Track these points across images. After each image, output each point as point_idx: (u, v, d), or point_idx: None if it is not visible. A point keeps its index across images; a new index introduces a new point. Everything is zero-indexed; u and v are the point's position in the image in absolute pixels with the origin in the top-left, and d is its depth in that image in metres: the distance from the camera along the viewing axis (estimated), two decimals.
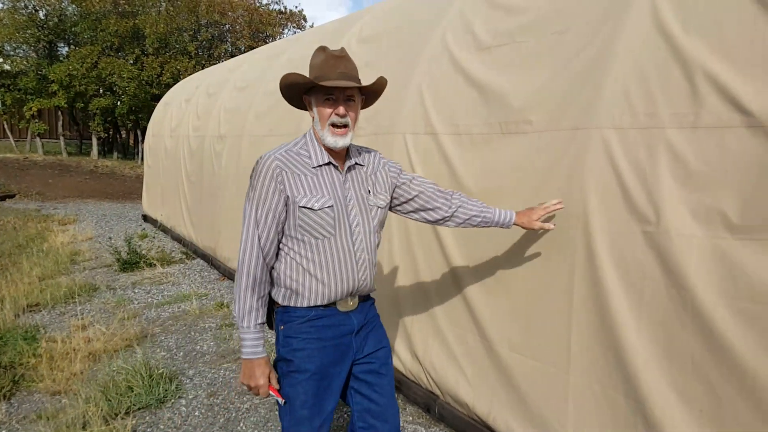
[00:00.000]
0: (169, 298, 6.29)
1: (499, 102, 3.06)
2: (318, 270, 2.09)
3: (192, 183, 8.36)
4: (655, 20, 2.37)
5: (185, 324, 5.42)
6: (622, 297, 2.32)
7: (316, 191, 2.07)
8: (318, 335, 2.13)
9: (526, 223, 2.54)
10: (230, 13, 27.38)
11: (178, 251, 8.72)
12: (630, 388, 2.28)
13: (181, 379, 4.14)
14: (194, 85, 10.04)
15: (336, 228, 2.09)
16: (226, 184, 6.88)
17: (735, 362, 1.92)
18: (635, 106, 2.33)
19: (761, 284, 1.85)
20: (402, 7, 4.79)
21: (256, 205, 2.06)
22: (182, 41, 25.65)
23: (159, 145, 10.58)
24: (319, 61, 2.09)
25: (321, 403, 2.15)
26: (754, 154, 1.93)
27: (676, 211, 2.13)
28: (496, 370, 2.98)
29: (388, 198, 2.33)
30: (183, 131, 9.07)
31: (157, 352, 4.69)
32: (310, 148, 2.14)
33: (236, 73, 8.08)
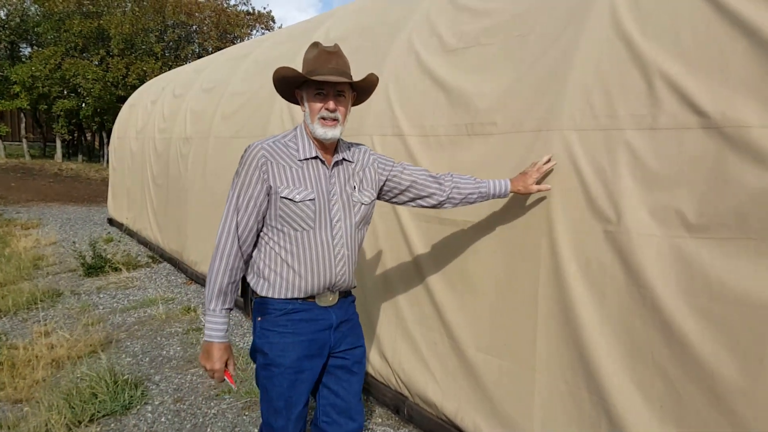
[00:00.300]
0: (134, 302, 6.19)
1: (465, 104, 3.09)
2: (295, 262, 2.11)
3: (158, 186, 8.24)
4: (615, 24, 2.42)
5: (151, 329, 5.34)
6: (585, 295, 2.36)
7: (299, 183, 2.09)
8: (294, 329, 2.15)
9: (522, 189, 2.52)
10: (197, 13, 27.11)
11: (144, 255, 8.59)
12: (594, 384, 2.31)
13: (147, 385, 4.08)
14: (160, 87, 9.91)
15: (316, 221, 2.11)
16: (193, 186, 6.80)
17: (693, 358, 1.96)
18: (596, 108, 2.37)
19: (717, 282, 1.90)
20: (369, 9, 4.80)
21: (238, 192, 2.09)
22: (148, 42, 25.29)
23: (124, 147, 10.42)
24: (312, 56, 2.11)
25: (297, 396, 2.17)
26: (710, 154, 1.97)
27: (635, 211, 2.17)
28: (464, 370, 3.00)
29: (375, 195, 2.34)
30: (149, 133, 8.94)
31: (123, 357, 4.61)
32: (299, 141, 2.16)
33: (203, 75, 8.00)
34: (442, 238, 3.14)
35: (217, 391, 3.96)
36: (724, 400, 1.87)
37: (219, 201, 6.01)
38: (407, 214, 3.38)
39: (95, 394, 3.72)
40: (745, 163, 1.87)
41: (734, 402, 1.84)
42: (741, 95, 1.92)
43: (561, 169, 2.48)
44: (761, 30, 1.90)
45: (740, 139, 1.88)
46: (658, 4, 2.29)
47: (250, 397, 3.82)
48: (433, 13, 3.72)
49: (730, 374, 1.85)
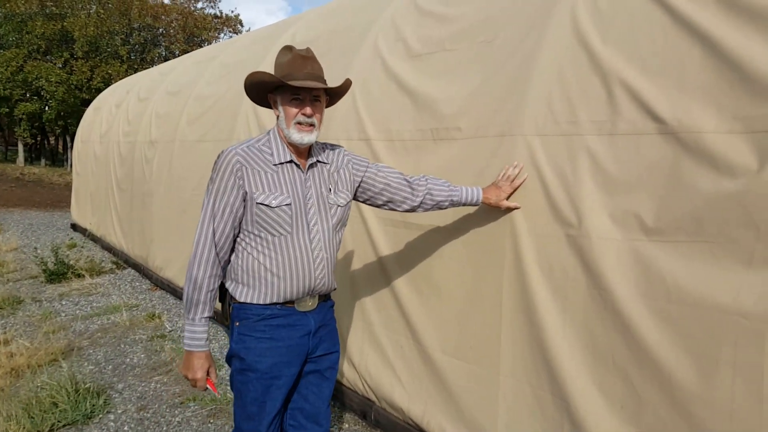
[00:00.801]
0: (98, 309, 6.07)
1: (430, 109, 3.10)
2: (274, 266, 2.10)
3: (122, 190, 8.11)
4: (576, 31, 2.45)
5: (115, 336, 5.24)
6: (547, 299, 2.38)
7: (274, 188, 2.08)
8: (272, 335, 2.14)
9: (493, 203, 2.52)
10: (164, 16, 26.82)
11: (108, 261, 8.43)
12: (557, 387, 2.34)
13: (110, 394, 3.99)
14: (125, 90, 9.76)
15: (293, 226, 2.10)
16: (158, 190, 6.70)
17: (652, 360, 1.99)
18: (557, 113, 2.40)
19: (674, 284, 1.94)
20: (335, 13, 4.80)
21: (213, 199, 2.07)
22: (114, 45, 24.92)
23: (88, 151, 10.23)
24: (286, 61, 2.09)
25: (271, 402, 2.16)
26: (667, 160, 2.01)
27: (596, 215, 2.20)
28: (430, 374, 3.00)
29: (350, 196, 2.33)
30: (113, 137, 8.80)
31: (85, 366, 4.51)
32: (273, 146, 2.14)
33: (169, 78, 7.90)
34: (409, 243, 3.14)
35: (182, 399, 3.90)
36: (682, 401, 1.90)
37: (184, 205, 5.94)
38: (374, 219, 3.38)
39: (56, 404, 3.63)
40: (700, 168, 1.91)
41: (691, 403, 1.88)
42: (696, 101, 1.96)
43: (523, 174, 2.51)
44: (715, 38, 1.95)
45: (695, 144, 1.93)
46: (617, 11, 2.34)
47: (215, 405, 3.77)
48: (399, 18, 3.73)
49: (687, 376, 1.89)
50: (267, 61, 5.19)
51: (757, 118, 1.80)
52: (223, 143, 5.21)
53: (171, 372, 4.37)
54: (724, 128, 1.87)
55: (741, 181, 1.80)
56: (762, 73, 1.81)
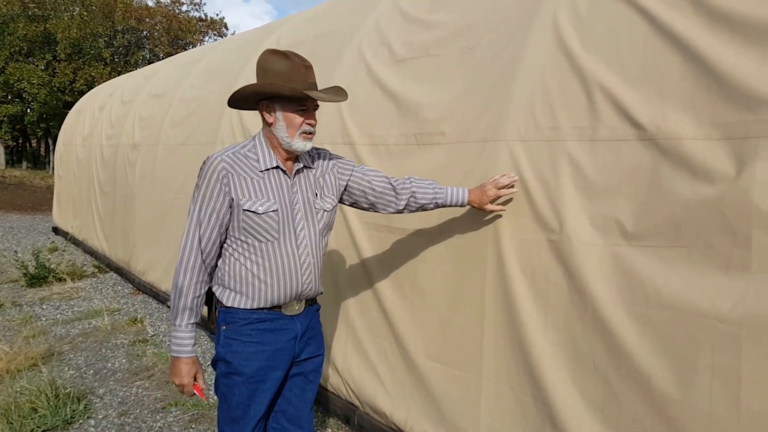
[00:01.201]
0: (79, 313, 6.01)
1: (414, 114, 3.11)
2: (261, 272, 2.11)
3: (105, 193, 8.04)
4: (557, 37, 2.48)
5: (96, 341, 5.19)
6: (529, 303, 2.40)
7: (261, 195, 2.08)
8: (258, 339, 2.14)
9: (477, 204, 2.50)
10: (148, 19, 26.65)
11: (90, 265, 8.35)
12: (538, 391, 2.35)
13: (91, 399, 3.95)
14: (108, 92, 9.68)
15: (280, 232, 2.11)
16: (141, 194, 6.66)
17: (632, 364, 2.01)
18: (539, 119, 2.42)
19: (653, 289, 1.96)
20: (319, 18, 4.80)
21: (199, 206, 2.07)
22: (97, 47, 24.70)
23: (70, 154, 10.13)
24: (287, 69, 2.07)
25: (256, 405, 2.16)
26: (646, 166, 2.04)
27: (577, 220, 2.22)
28: (414, 378, 3.01)
29: (336, 200, 2.35)
30: (96, 140, 8.72)
31: (65, 370, 4.46)
32: (259, 152, 2.14)
33: (152, 81, 7.86)
34: (392, 247, 3.14)
35: (164, 404, 3.87)
36: (661, 404, 1.92)
37: (168, 209, 5.90)
38: (358, 223, 3.38)
39: (35, 409, 3.59)
40: (678, 174, 1.93)
41: (670, 406, 1.89)
42: (675, 108, 1.99)
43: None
44: (694, 45, 1.98)
45: (674, 150, 1.95)
46: (598, 18, 2.36)
47: (197, 410, 3.74)
48: (383, 23, 3.74)
49: (666, 379, 1.91)
50: (251, 64, 5.18)
51: (735, 124, 1.83)
52: (207, 147, 5.19)
53: (153, 377, 4.33)
54: (702, 135, 1.89)
55: (718, 188, 1.82)
56: (739, 80, 1.84)
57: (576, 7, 2.48)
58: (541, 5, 2.68)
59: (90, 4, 24.96)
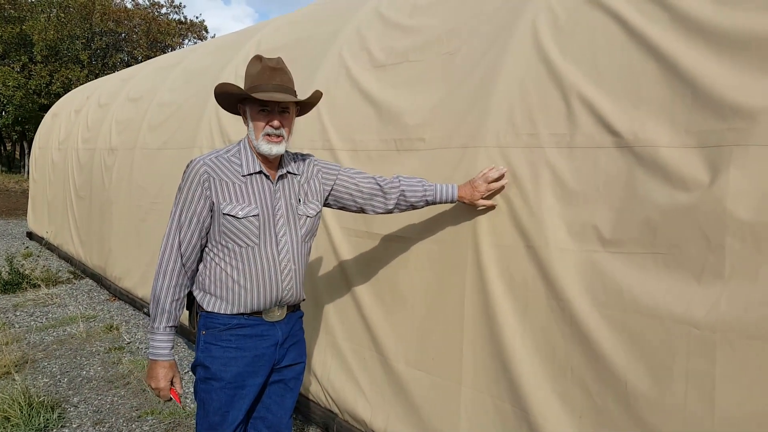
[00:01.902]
0: (54, 321, 5.91)
1: (394, 119, 3.11)
2: (241, 278, 2.10)
3: (81, 198, 7.93)
4: (536, 45, 2.50)
5: (71, 348, 5.10)
6: (508, 309, 2.40)
7: (242, 199, 2.08)
8: (238, 344, 2.13)
9: (468, 200, 2.48)
10: (126, 21, 26.38)
11: (65, 271, 8.22)
12: (516, 397, 2.35)
13: (65, 407, 3.88)
14: (85, 95, 9.56)
15: (260, 237, 2.10)
16: (117, 198, 6.57)
17: (608, 368, 2.02)
18: (518, 126, 2.44)
19: (629, 294, 1.97)
20: (301, 22, 4.79)
21: (181, 209, 2.07)
22: (74, 49, 24.39)
23: (46, 158, 9.98)
24: (255, 72, 2.09)
25: (234, 412, 2.15)
26: (623, 173, 2.06)
27: (555, 227, 2.23)
28: (393, 385, 3.00)
29: (320, 206, 2.34)
30: (72, 143, 8.61)
31: (39, 378, 4.38)
32: (242, 156, 2.14)
33: (130, 84, 7.77)
34: (372, 253, 3.14)
35: (140, 412, 3.81)
36: (637, 409, 1.94)
37: (145, 214, 5.83)
38: (338, 229, 3.36)
39: (7, 418, 3.53)
40: (654, 181, 1.96)
41: (646, 411, 1.91)
42: (651, 116, 2.01)
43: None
44: (670, 54, 2.01)
45: (650, 158, 1.97)
46: (576, 27, 2.38)
47: (173, 418, 3.70)
48: (364, 28, 3.74)
49: (643, 384, 1.92)
50: (230, 67, 5.15)
51: (709, 132, 1.85)
52: (186, 151, 5.14)
53: (128, 385, 4.27)
54: (677, 142, 1.92)
55: (693, 195, 1.85)
56: (713, 89, 1.87)
57: (555, 15, 2.50)
58: (520, 13, 2.70)
59: (68, 6, 24.65)
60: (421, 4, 3.43)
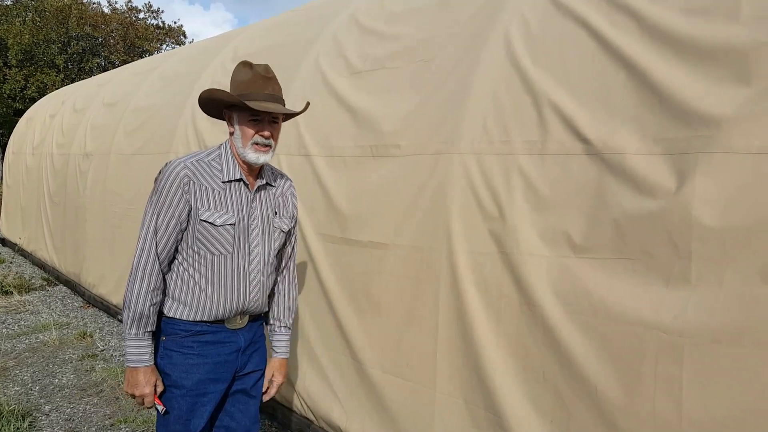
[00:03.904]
0: (26, 328, 5.81)
1: (370, 126, 3.12)
2: (209, 286, 2.07)
3: (55, 204, 7.82)
4: (509, 53, 2.53)
5: (43, 356, 5.02)
6: (482, 315, 2.42)
7: (221, 207, 2.06)
8: (200, 351, 2.10)
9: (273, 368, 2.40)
10: (103, 26, 26.11)
11: (38, 277, 8.09)
12: (490, 402, 2.37)
13: (36, 416, 3.82)
14: (60, 100, 9.45)
15: (234, 246, 2.08)
16: (92, 205, 6.49)
17: (579, 374, 2.05)
18: (491, 133, 2.46)
19: (599, 299, 2.00)
20: (277, 28, 4.79)
21: (158, 212, 2.02)
22: (50, 53, 24.07)
23: (20, 163, 9.84)
24: (247, 79, 2.05)
25: (196, 420, 2.11)
26: (593, 179, 2.09)
27: (527, 233, 2.26)
28: (368, 392, 2.99)
29: (292, 224, 2.32)
30: (46, 149, 8.49)
31: (10, 387, 4.31)
32: (223, 162, 2.11)
33: (106, 88, 7.70)
34: (348, 259, 3.13)
35: (113, 420, 3.76)
36: (608, 413, 1.96)
37: (119, 220, 5.77)
38: (313, 234, 3.36)
39: None
40: (623, 188, 1.99)
41: (616, 415, 1.93)
42: (620, 123, 2.05)
43: (460, 192, 2.54)
44: (639, 63, 2.04)
45: (619, 165, 2.01)
46: (548, 35, 2.42)
47: (147, 426, 3.65)
48: (341, 34, 3.75)
49: (612, 389, 1.94)
50: (206, 74, 5.13)
51: (676, 140, 1.89)
52: (161, 156, 5.10)
53: (102, 393, 4.21)
54: (645, 150, 1.95)
55: (660, 201, 1.88)
56: (680, 97, 1.91)
57: (527, 24, 2.54)
58: (494, 21, 2.73)
59: (43, 10, 24.35)
60: (397, 11, 3.45)
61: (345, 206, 3.16)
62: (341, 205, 3.18)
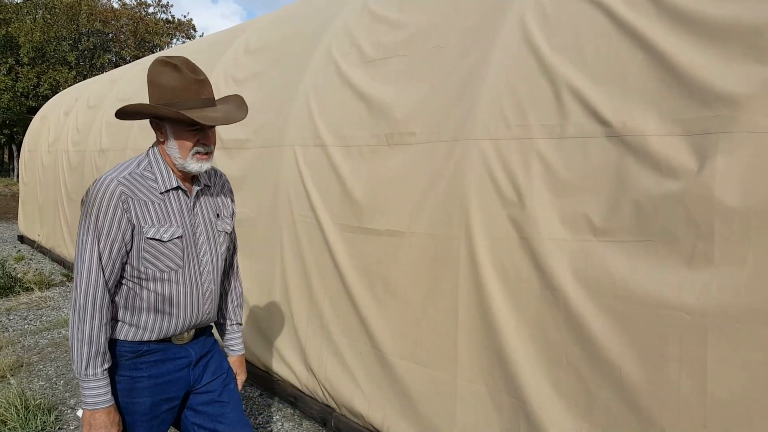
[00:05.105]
0: (48, 323, 5.89)
1: (384, 114, 3.12)
2: (161, 304, 1.91)
3: (72, 200, 7.90)
4: (524, 36, 2.51)
5: (66, 350, 5.09)
6: (502, 300, 2.42)
7: (164, 220, 1.89)
8: (149, 372, 1.94)
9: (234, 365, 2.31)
10: (114, 21, 26.23)
11: (58, 273, 8.19)
12: (512, 387, 2.37)
13: (62, 410, 3.88)
14: (74, 97, 9.52)
15: (184, 259, 1.94)
16: None
17: (603, 356, 2.05)
18: (508, 118, 2.45)
19: (621, 282, 2.00)
20: (288, 19, 4.79)
21: (98, 237, 1.80)
22: (61, 50, 24.24)
23: (36, 160, 9.93)
24: (178, 85, 1.83)
25: None
26: (613, 162, 2.08)
27: (547, 217, 2.25)
28: (389, 379, 3.02)
29: (233, 223, 2.20)
30: (62, 146, 8.57)
31: (35, 382, 4.38)
32: (156, 171, 1.91)
33: (119, 84, 7.74)
34: (366, 248, 3.15)
35: None
36: (631, 396, 1.96)
37: None
38: (330, 224, 3.37)
39: (4, 422, 3.52)
40: (643, 170, 1.98)
41: (640, 398, 1.93)
42: (639, 105, 2.03)
43: (477, 178, 2.54)
44: (656, 44, 2.02)
45: (639, 147, 1.99)
46: (563, 17, 2.40)
47: None
48: (352, 23, 3.75)
49: (636, 371, 1.95)
50: (219, 66, 5.14)
51: (695, 120, 1.87)
52: None
53: None
54: (664, 131, 1.94)
55: (682, 182, 1.87)
56: (699, 77, 1.89)
57: (542, 7, 2.52)
58: (508, 5, 2.71)
59: (53, 7, 24.49)
60: None
61: (361, 195, 3.16)
62: (357, 194, 3.19)
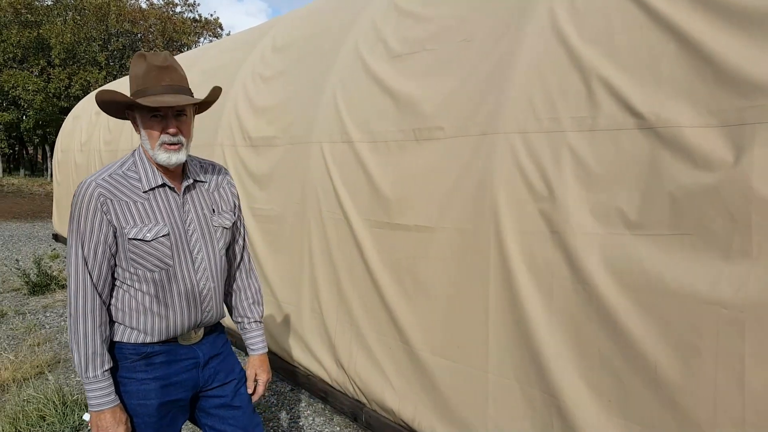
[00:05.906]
0: None
1: (412, 109, 3.11)
2: (155, 305, 1.90)
3: None
4: (554, 28, 2.48)
5: None
6: (533, 295, 2.40)
7: (148, 219, 1.86)
8: (155, 374, 1.93)
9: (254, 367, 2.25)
10: (142, 21, 26.61)
11: None
12: (544, 383, 2.36)
13: None
14: None
15: (174, 258, 1.90)
16: None
17: (637, 352, 2.02)
18: (538, 111, 2.43)
19: (656, 276, 1.97)
20: (315, 15, 4.80)
21: (81, 241, 1.82)
22: (91, 51, 24.67)
23: (69, 160, 10.13)
24: (141, 73, 1.83)
25: None
26: (646, 154, 2.04)
27: (579, 211, 2.23)
28: (419, 374, 3.02)
29: (234, 216, 2.14)
30: (94, 145, 8.72)
31: (72, 377, 4.47)
32: (140, 169, 1.89)
33: None
34: (394, 244, 3.15)
35: None
36: (667, 392, 1.93)
37: None
38: (359, 220, 3.38)
39: (43, 417, 3.60)
40: (678, 162, 1.94)
41: (676, 393, 1.91)
42: (673, 96, 1.99)
43: (507, 172, 2.52)
44: (689, 34, 1.98)
45: (673, 139, 1.96)
46: (593, 8, 2.36)
47: None
48: (378, 19, 3.74)
49: (671, 366, 1.92)
50: (247, 65, 5.17)
51: (731, 111, 1.83)
52: (207, 148, 5.19)
53: None
54: (699, 122, 1.90)
55: (717, 174, 1.83)
56: (734, 67, 1.85)
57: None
58: None
59: (83, 8, 24.93)
60: None
61: (389, 191, 3.16)
62: (385, 189, 3.19)
